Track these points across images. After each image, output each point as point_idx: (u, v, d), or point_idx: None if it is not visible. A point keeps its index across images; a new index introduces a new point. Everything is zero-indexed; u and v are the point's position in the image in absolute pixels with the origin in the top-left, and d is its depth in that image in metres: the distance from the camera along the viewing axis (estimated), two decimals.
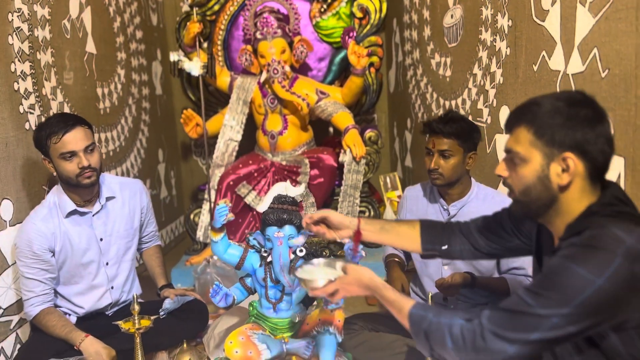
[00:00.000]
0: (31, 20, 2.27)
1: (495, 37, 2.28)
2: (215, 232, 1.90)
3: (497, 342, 1.14)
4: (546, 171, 1.20)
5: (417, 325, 1.27)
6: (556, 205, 1.22)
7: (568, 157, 1.17)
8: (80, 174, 2.01)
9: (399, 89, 3.92)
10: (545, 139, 1.19)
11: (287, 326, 1.92)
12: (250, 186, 3.24)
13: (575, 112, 1.18)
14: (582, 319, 1.09)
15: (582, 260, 1.09)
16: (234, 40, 3.67)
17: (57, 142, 1.97)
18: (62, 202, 2.09)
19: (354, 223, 1.61)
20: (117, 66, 3.23)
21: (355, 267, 1.46)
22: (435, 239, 1.62)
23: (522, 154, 1.22)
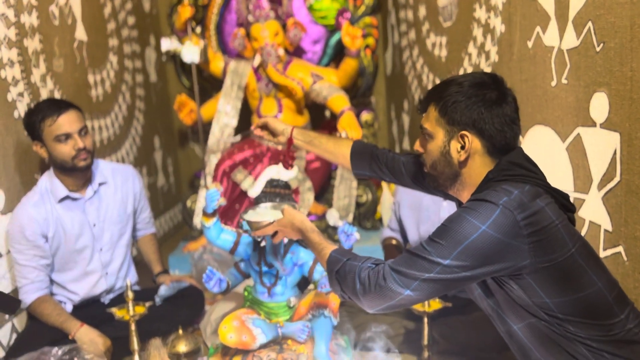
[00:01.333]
0: (17, 6, 2.23)
1: (489, 14, 2.24)
2: (207, 217, 1.89)
3: (395, 283, 1.21)
4: (447, 147, 1.30)
5: (332, 267, 1.34)
6: (460, 179, 1.33)
7: (464, 134, 1.27)
8: (76, 156, 2.02)
9: (396, 70, 3.87)
10: (447, 117, 1.29)
11: (282, 310, 1.91)
12: (246, 171, 3.21)
13: (475, 92, 1.27)
14: (471, 263, 1.18)
15: (471, 210, 1.20)
16: (226, 24, 3.62)
17: (52, 125, 1.98)
18: (54, 188, 2.08)
19: (288, 131, 1.78)
20: (109, 53, 3.19)
21: (291, 210, 1.55)
22: (364, 167, 1.70)
23: (428, 131, 1.33)
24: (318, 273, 1.85)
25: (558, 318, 1.22)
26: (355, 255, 1.35)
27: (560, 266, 1.20)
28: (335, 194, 3.19)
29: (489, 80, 1.30)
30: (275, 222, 1.55)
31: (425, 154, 1.37)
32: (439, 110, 1.31)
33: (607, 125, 1.54)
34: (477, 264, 1.18)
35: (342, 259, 1.33)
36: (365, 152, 1.71)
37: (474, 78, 1.31)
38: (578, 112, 1.68)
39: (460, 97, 1.27)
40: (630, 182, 1.48)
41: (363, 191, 3.33)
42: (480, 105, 1.26)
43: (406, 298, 1.21)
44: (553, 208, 1.23)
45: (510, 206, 1.18)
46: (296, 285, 1.94)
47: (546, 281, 1.21)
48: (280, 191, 1.88)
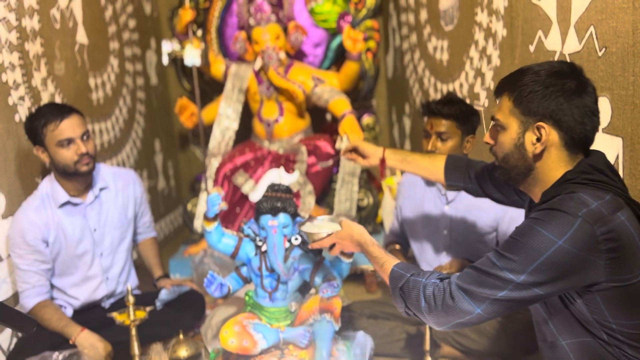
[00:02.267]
0: (18, 10, 2.23)
1: (491, 18, 2.24)
2: (209, 221, 1.88)
3: (465, 302, 1.16)
4: (522, 139, 1.23)
5: (395, 282, 1.30)
6: (533, 174, 1.25)
7: (541, 126, 1.20)
8: (78, 161, 2.02)
9: (397, 74, 3.87)
10: (522, 107, 1.21)
11: (284, 315, 1.90)
12: (247, 175, 3.21)
13: (553, 82, 1.19)
14: (546, 279, 1.11)
15: (545, 222, 1.12)
16: (228, 28, 3.62)
17: (55, 130, 1.98)
18: (55, 193, 2.07)
19: (380, 151, 1.75)
20: (110, 56, 3.19)
21: (349, 222, 1.52)
22: (459, 178, 1.67)
23: (501, 122, 1.26)
24: (319, 278, 1.84)
25: (617, 340, 1.16)
26: (419, 270, 1.30)
27: (634, 288, 1.13)
28: (337, 197, 3.18)
29: (567, 69, 1.23)
30: (333, 234, 1.53)
31: (496, 147, 1.30)
32: (513, 100, 1.23)
33: (609, 130, 1.54)
34: (551, 280, 1.11)
35: (406, 274, 1.29)
36: (460, 163, 1.69)
37: (551, 67, 1.23)
38: None
39: (537, 87, 1.19)
40: (632, 187, 1.47)
41: (364, 195, 3.33)
42: (559, 94, 1.18)
43: (476, 317, 1.16)
44: (633, 222, 1.15)
45: (590, 219, 1.10)
46: (297, 290, 1.94)
47: (615, 301, 1.14)
48: (282, 195, 1.87)
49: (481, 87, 2.40)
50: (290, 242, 1.88)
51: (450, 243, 2.10)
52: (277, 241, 1.84)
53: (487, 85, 2.33)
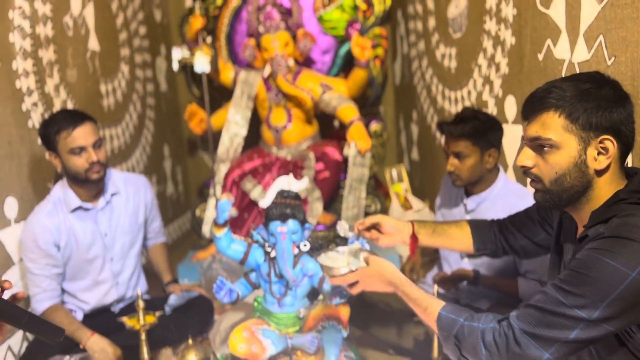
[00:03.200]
0: (32, 18, 2.26)
1: (500, 26, 2.25)
2: (218, 227, 1.89)
3: (532, 347, 1.08)
4: (583, 156, 1.15)
5: (447, 330, 1.21)
6: (589, 192, 1.18)
7: (606, 139, 1.14)
8: (89, 169, 2.03)
9: (405, 81, 3.89)
10: (580, 123, 1.13)
11: (292, 321, 1.91)
12: (255, 181, 3.22)
13: (605, 93, 1.14)
14: (618, 315, 1.04)
15: (613, 252, 1.04)
16: (237, 35, 3.65)
17: (67, 138, 2.00)
18: (67, 198, 2.10)
19: (408, 227, 1.57)
20: (121, 63, 3.23)
21: (377, 259, 1.40)
22: (486, 238, 1.61)
23: (554, 140, 1.16)
24: (327, 285, 1.85)
25: None
26: (470, 313, 1.21)
27: None
28: (344, 204, 3.19)
29: (605, 78, 1.19)
30: (357, 271, 1.39)
31: (542, 169, 1.19)
32: (566, 116, 1.14)
33: None
34: (623, 314, 1.05)
35: (458, 319, 1.20)
36: (483, 223, 1.65)
37: (592, 77, 1.18)
38: None
39: (591, 99, 1.14)
40: None
41: (372, 201, 3.33)
42: (617, 105, 1.14)
43: None
44: None
45: None
46: (306, 296, 1.94)
47: None
48: (291, 202, 1.88)
49: (489, 95, 2.41)
50: (299, 248, 1.89)
51: None
52: (286, 247, 1.84)
53: (495, 93, 2.34)
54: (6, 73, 2.06)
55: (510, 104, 2.21)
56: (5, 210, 2.03)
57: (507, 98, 2.23)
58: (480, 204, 2.05)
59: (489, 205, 2.02)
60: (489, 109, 2.42)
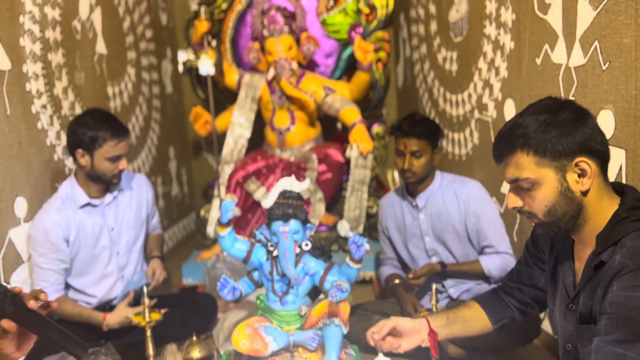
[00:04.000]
0: (42, 22, 2.32)
1: (499, 31, 2.29)
2: (222, 227, 1.94)
3: None
4: (565, 183, 1.18)
5: None
6: (583, 213, 1.20)
7: (580, 161, 1.16)
8: (116, 175, 2.18)
9: (407, 83, 3.93)
10: (550, 155, 1.17)
11: (294, 318, 1.95)
12: (259, 182, 3.27)
13: (563, 117, 1.17)
14: None
15: None
16: (242, 38, 3.70)
17: (113, 147, 2.12)
18: (76, 195, 2.18)
19: (424, 324, 1.56)
20: (128, 65, 3.28)
21: None
22: (498, 308, 1.59)
23: (532, 178, 1.19)
24: (329, 283, 1.89)
25: None
26: None
27: None
28: (346, 205, 3.23)
29: (557, 102, 1.21)
30: None
31: (532, 205, 1.22)
32: (534, 152, 1.18)
33: (613, 141, 1.58)
34: None
35: None
36: (490, 294, 1.64)
37: (544, 108, 1.20)
38: None
39: (552, 128, 1.16)
40: None
41: (374, 202, 3.37)
42: (578, 125, 1.16)
43: None
44: None
45: None
46: (307, 294, 1.99)
47: None
48: (293, 202, 1.93)
49: (489, 98, 2.45)
50: (301, 247, 1.93)
51: (434, 247, 2.27)
52: (288, 247, 1.89)
53: (495, 96, 2.38)
54: (17, 76, 2.11)
55: (509, 107, 2.25)
56: (15, 210, 2.08)
57: (507, 101, 2.27)
58: (429, 198, 2.24)
59: (437, 197, 2.22)
60: (489, 112, 2.46)
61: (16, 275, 2.08)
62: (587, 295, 1.20)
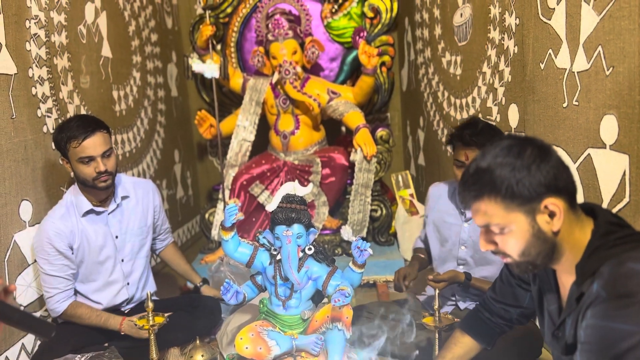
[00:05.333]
0: (48, 27, 2.34)
1: (503, 35, 2.29)
2: (226, 231, 1.95)
3: None
4: (536, 226, 1.15)
5: None
6: (558, 249, 1.19)
7: (549, 203, 1.13)
8: (96, 178, 2.07)
9: (412, 87, 3.93)
10: (517, 199, 1.14)
11: (297, 323, 1.96)
12: (263, 186, 3.28)
13: (526, 157, 1.13)
14: None
15: (621, 316, 1.04)
16: (246, 42, 3.72)
17: (77, 147, 2.03)
18: (79, 202, 2.16)
19: None
20: (133, 69, 3.30)
21: None
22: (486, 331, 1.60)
23: (502, 224, 1.17)
24: (332, 287, 1.89)
25: None
26: None
27: None
28: (350, 208, 3.24)
29: (516, 141, 1.17)
30: None
31: (506, 247, 1.20)
32: (502, 198, 1.15)
33: (616, 147, 1.57)
34: None
35: None
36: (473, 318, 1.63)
37: (505, 149, 1.16)
38: (588, 134, 1.72)
39: (518, 172, 1.13)
40: (638, 203, 1.51)
41: (377, 206, 3.38)
42: (542, 162, 1.13)
43: None
44: None
45: None
46: (310, 298, 1.99)
47: None
48: (296, 206, 1.93)
49: (493, 103, 2.45)
50: (304, 251, 1.94)
51: (466, 258, 2.15)
52: (291, 251, 1.89)
53: (499, 100, 2.38)
54: (23, 80, 2.13)
55: (513, 111, 2.25)
56: (21, 214, 2.10)
57: (511, 106, 2.27)
58: None
59: None
60: (492, 116, 2.46)
61: (21, 279, 2.09)
62: (572, 324, 1.19)
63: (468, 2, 2.67)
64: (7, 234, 2.01)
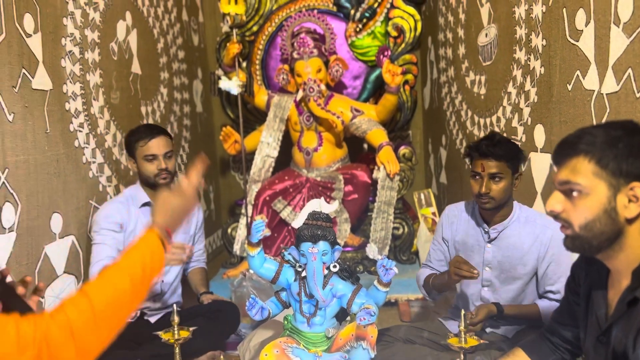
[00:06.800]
0: (82, 44, 2.41)
1: (529, 56, 2.29)
2: (252, 247, 1.97)
3: None
4: (613, 203, 1.13)
5: None
6: (620, 240, 1.15)
7: (636, 186, 1.11)
8: (158, 175, 2.33)
9: (434, 105, 3.94)
10: (610, 169, 1.12)
11: (321, 340, 1.96)
12: (285, 201, 3.30)
13: (636, 140, 1.13)
14: None
15: None
16: (271, 60, 3.77)
17: (144, 146, 2.32)
18: (138, 195, 2.38)
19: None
20: (160, 85, 3.37)
21: None
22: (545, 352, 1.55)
23: (583, 185, 1.15)
24: (356, 305, 1.89)
25: None
26: None
27: None
28: (373, 226, 3.24)
29: (631, 126, 1.17)
30: None
31: (571, 214, 1.18)
32: (596, 162, 1.14)
33: None
34: None
35: None
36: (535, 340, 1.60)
37: (622, 125, 1.17)
38: None
39: (622, 146, 1.12)
40: None
41: (399, 224, 3.37)
42: None
43: None
44: None
45: None
46: (335, 316, 1.99)
47: None
48: (322, 224, 1.95)
49: (518, 123, 2.44)
50: (329, 269, 1.95)
51: (491, 280, 2.11)
52: (317, 268, 1.90)
53: (524, 120, 2.38)
54: (57, 96, 2.19)
55: (539, 132, 2.25)
56: (52, 226, 2.15)
57: (537, 127, 2.26)
58: (503, 231, 2.06)
59: (513, 231, 2.04)
60: (518, 136, 2.46)
61: (50, 290, 2.13)
62: (621, 331, 1.16)
63: (493, 22, 2.69)
64: (38, 245, 2.06)
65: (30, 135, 2.02)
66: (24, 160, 1.98)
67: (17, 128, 1.94)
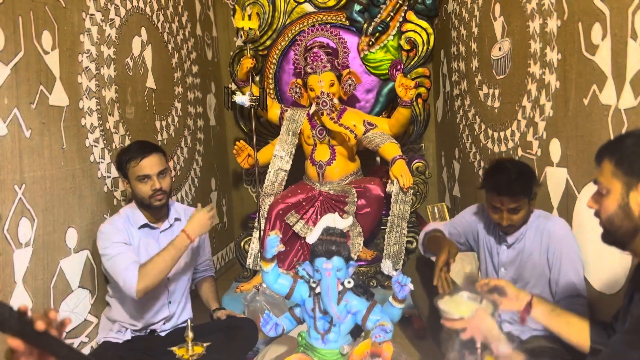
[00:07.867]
0: (98, 60, 2.43)
1: (544, 70, 2.28)
2: (266, 262, 1.96)
3: None
4: (626, 199, 1.25)
5: None
6: None
7: None
8: (152, 195, 2.23)
9: (447, 119, 3.93)
10: (624, 169, 1.25)
11: (335, 357, 1.94)
12: (298, 215, 3.30)
13: None
14: None
15: None
16: (284, 74, 3.79)
17: (136, 166, 2.22)
18: (135, 216, 2.30)
19: (527, 296, 1.63)
20: (174, 100, 3.39)
21: (481, 314, 1.55)
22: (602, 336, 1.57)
23: (604, 184, 1.29)
24: (371, 322, 1.88)
25: None
26: None
27: None
28: (386, 240, 3.22)
29: None
30: (465, 319, 1.56)
31: (601, 210, 1.32)
32: (614, 163, 1.27)
33: None
34: None
35: None
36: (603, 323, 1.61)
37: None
38: None
39: (638, 148, 1.24)
40: None
41: (413, 238, 3.35)
42: None
43: None
44: None
45: None
46: (349, 332, 1.98)
47: None
48: (336, 239, 1.94)
49: (534, 137, 2.43)
50: (344, 285, 1.94)
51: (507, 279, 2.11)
52: (331, 284, 1.89)
53: (539, 134, 2.36)
54: (74, 112, 2.22)
55: (555, 146, 2.23)
56: (67, 240, 2.16)
57: (552, 141, 2.25)
58: (520, 236, 2.11)
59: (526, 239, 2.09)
60: (533, 150, 2.44)
61: (65, 304, 2.14)
62: None
63: (507, 36, 2.68)
64: (53, 260, 2.07)
65: (47, 151, 2.04)
66: (40, 175, 2.00)
67: (35, 144, 1.97)
